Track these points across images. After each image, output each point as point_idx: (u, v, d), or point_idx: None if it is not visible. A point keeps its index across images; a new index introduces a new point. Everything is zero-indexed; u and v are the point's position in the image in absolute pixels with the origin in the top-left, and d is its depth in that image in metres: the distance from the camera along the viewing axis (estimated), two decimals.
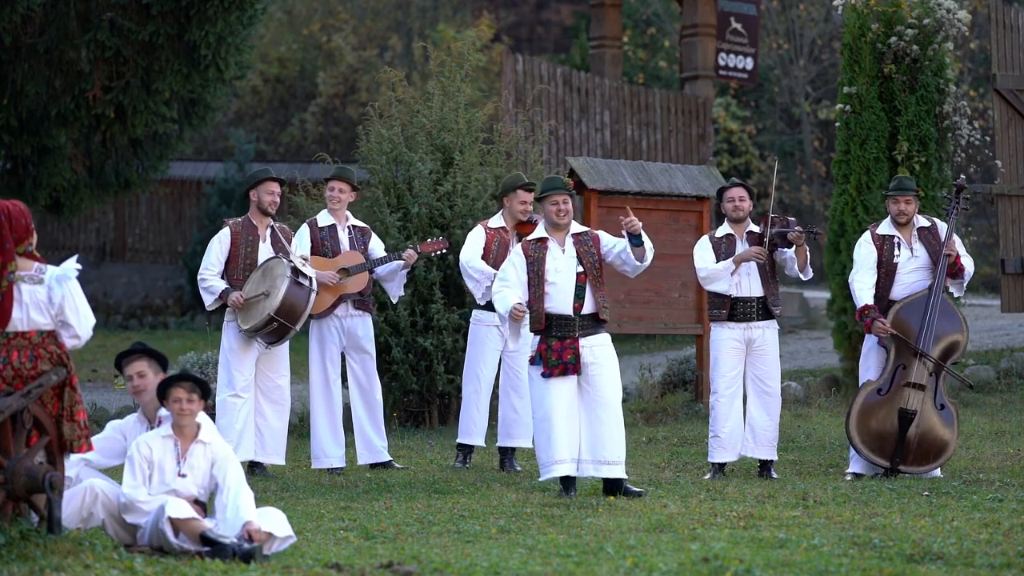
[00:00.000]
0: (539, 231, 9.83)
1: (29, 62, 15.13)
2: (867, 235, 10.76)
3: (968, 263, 10.70)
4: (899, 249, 10.61)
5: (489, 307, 11.06)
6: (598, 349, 9.64)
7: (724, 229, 10.86)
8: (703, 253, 10.82)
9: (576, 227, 9.87)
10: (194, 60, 15.00)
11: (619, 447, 9.59)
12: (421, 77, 22.61)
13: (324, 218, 11.30)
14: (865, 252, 10.66)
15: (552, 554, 7.39)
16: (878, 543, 7.51)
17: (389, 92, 14.32)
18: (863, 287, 10.58)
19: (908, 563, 7.11)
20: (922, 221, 10.73)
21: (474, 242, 11.06)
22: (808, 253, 10.74)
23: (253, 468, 10.85)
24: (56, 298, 7.17)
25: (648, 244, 9.84)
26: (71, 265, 7.26)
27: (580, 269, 9.68)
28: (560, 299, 9.63)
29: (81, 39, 14.95)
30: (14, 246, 7.16)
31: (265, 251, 10.95)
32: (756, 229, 10.80)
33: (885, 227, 10.73)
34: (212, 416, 8.36)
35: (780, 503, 9.13)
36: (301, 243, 11.15)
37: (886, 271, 10.60)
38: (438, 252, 11.56)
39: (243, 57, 16.01)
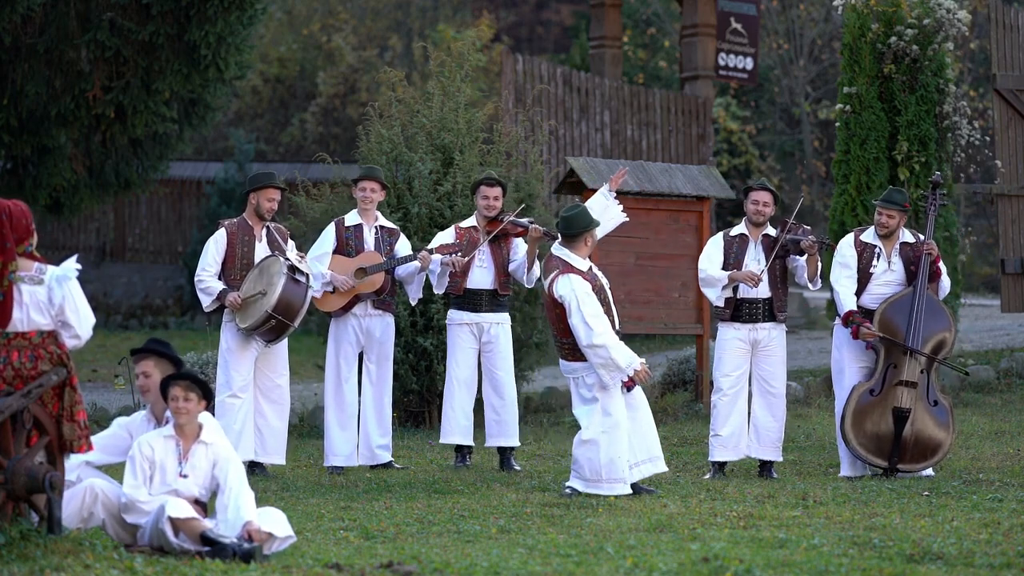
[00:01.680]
0: (579, 262, 9.62)
1: (29, 62, 15.13)
2: (850, 237, 10.70)
3: (945, 277, 10.63)
4: (877, 260, 10.55)
5: (459, 305, 11.08)
6: None
7: (739, 229, 10.80)
8: (712, 252, 10.77)
9: None
10: (194, 60, 15.00)
11: None
12: (421, 77, 22.60)
13: (352, 218, 11.23)
14: (848, 255, 10.61)
15: (552, 554, 7.39)
16: (878, 543, 7.51)
17: (389, 92, 14.31)
18: (846, 291, 10.54)
19: (908, 563, 7.11)
20: (907, 236, 10.65)
21: (442, 238, 11.16)
22: (820, 264, 10.70)
23: (253, 468, 10.83)
24: (56, 298, 7.16)
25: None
26: (71, 265, 7.26)
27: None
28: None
29: (81, 39, 14.95)
30: (15, 246, 7.16)
31: (261, 251, 10.94)
32: (772, 233, 10.75)
33: (869, 235, 10.65)
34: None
35: (780, 503, 9.13)
36: (326, 242, 11.13)
37: (860, 278, 10.56)
38: (454, 254, 11.52)
39: (243, 57, 16.02)
